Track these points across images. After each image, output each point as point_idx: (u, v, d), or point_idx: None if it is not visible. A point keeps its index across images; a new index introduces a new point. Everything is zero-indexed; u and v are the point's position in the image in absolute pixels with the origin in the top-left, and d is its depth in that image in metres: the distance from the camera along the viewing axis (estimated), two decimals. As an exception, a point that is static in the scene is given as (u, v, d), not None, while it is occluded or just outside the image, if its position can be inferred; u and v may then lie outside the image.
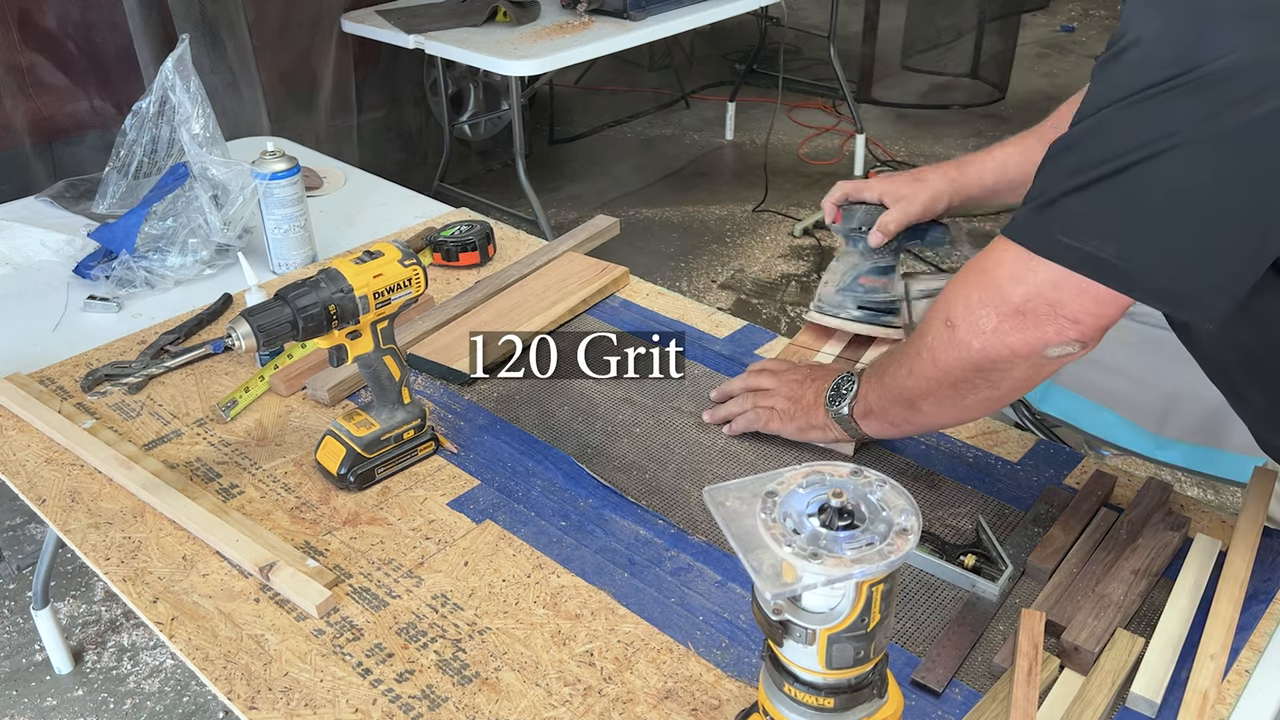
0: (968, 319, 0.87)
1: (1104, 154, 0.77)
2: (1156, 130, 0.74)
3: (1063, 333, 0.82)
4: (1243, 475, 1.47)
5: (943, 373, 0.91)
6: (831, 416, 1.08)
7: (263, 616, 0.96)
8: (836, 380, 1.08)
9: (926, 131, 4.47)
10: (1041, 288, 0.81)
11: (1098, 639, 0.87)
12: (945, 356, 0.90)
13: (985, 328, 0.85)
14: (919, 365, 0.94)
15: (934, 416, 0.99)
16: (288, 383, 1.26)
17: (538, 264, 1.51)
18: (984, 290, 0.85)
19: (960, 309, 0.88)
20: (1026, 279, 0.82)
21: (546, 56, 2.73)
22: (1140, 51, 0.75)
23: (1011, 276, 0.83)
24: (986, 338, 0.85)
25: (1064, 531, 1.01)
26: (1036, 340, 0.83)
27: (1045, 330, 0.82)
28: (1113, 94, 0.76)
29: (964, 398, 0.92)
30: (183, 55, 1.50)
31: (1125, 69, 0.76)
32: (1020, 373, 0.87)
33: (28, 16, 2.67)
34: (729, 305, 3.20)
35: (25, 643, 2.04)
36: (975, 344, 0.86)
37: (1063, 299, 0.81)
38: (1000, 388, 0.90)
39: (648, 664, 0.90)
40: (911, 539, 0.63)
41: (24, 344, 1.39)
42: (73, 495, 1.11)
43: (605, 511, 1.08)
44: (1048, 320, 0.82)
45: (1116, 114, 0.76)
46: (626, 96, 4.84)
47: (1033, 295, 0.82)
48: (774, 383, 1.17)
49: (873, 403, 1.04)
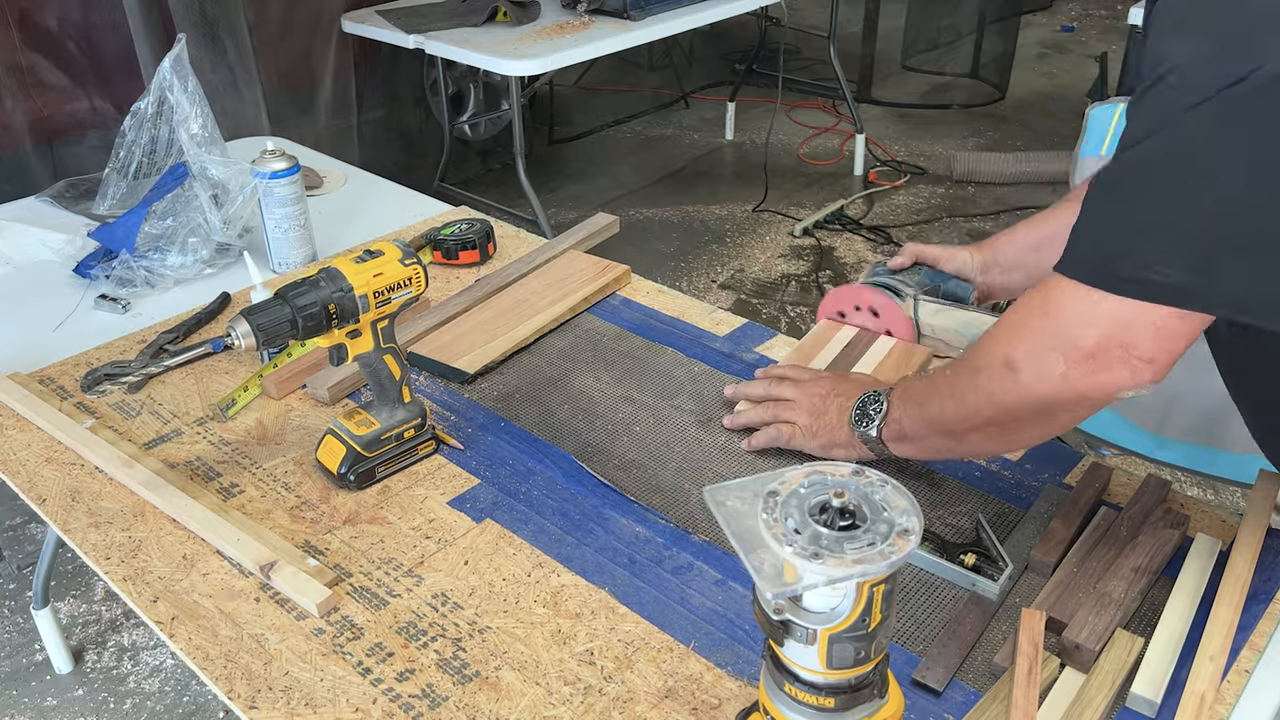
0: (1033, 364, 0.84)
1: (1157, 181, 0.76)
2: (1205, 145, 0.73)
3: (1137, 375, 0.80)
4: (1242, 475, 1.47)
5: (1000, 412, 0.89)
6: (859, 437, 1.05)
7: (263, 616, 0.96)
8: (861, 399, 1.06)
9: (926, 131, 4.47)
10: (1113, 329, 0.79)
11: (1098, 637, 0.87)
12: (1005, 398, 0.88)
13: (1053, 372, 0.83)
14: (972, 400, 0.92)
15: (979, 447, 0.98)
16: (279, 385, 1.26)
17: (538, 262, 1.51)
18: (1049, 334, 0.83)
19: (1023, 352, 0.85)
20: (1096, 321, 0.80)
21: (546, 56, 2.73)
22: (1177, 76, 0.74)
23: (1078, 319, 0.81)
24: (1054, 383, 0.83)
25: (1064, 525, 1.01)
26: (1109, 384, 0.81)
27: (1119, 374, 0.80)
28: (1154, 122, 0.76)
29: (1018, 433, 0.91)
30: (180, 55, 1.50)
31: (1164, 96, 0.75)
32: (1084, 413, 0.86)
33: (28, 16, 2.67)
34: (729, 305, 3.20)
35: (25, 642, 2.04)
36: (1041, 388, 0.84)
37: (1135, 339, 0.79)
38: (1057, 424, 0.88)
39: (648, 663, 0.90)
40: (913, 540, 0.63)
41: (24, 344, 1.39)
42: (73, 495, 1.11)
43: (605, 510, 1.08)
44: (1120, 364, 0.80)
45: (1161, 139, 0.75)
46: (626, 96, 4.84)
47: (1104, 338, 0.80)
48: (795, 393, 1.14)
49: (908, 428, 1.01)
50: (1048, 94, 4.85)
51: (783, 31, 4.25)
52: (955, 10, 4.99)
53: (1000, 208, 3.78)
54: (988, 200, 3.86)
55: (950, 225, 3.69)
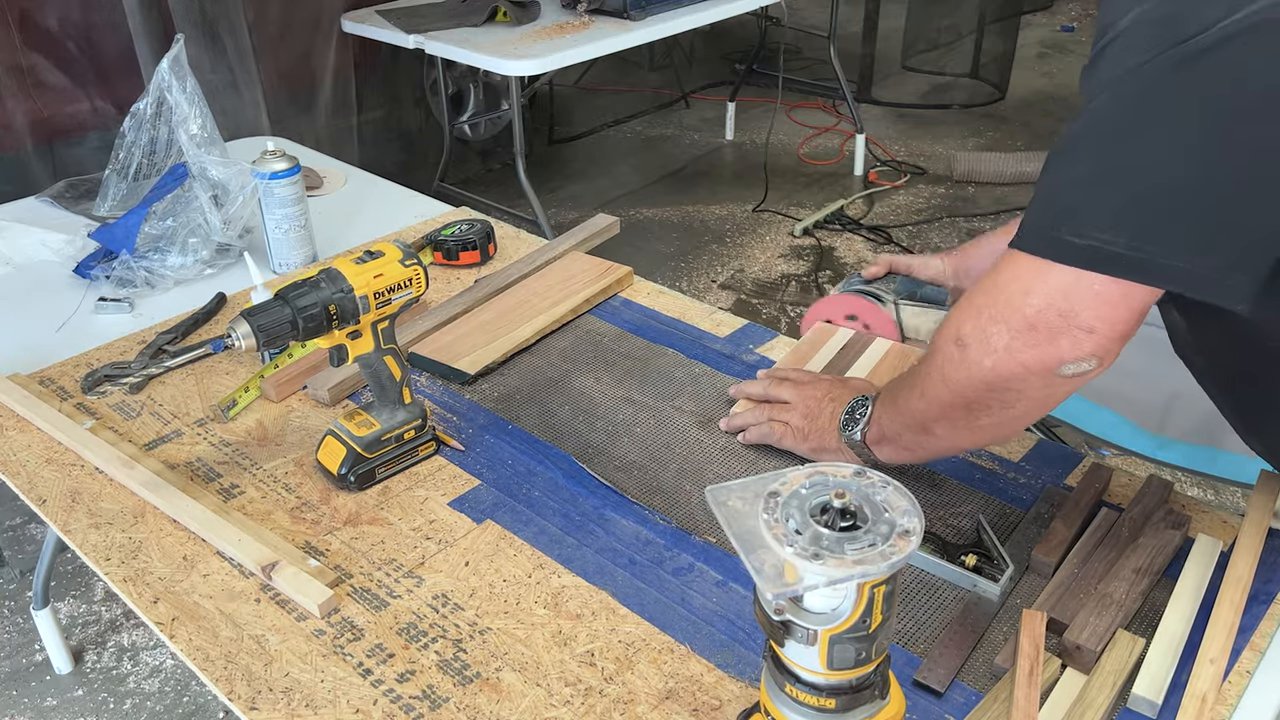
0: (979, 336, 0.84)
1: (1098, 142, 0.76)
2: (1146, 107, 0.73)
3: (1077, 346, 0.79)
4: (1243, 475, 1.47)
5: (954, 393, 0.89)
6: (845, 441, 1.05)
7: (263, 617, 0.96)
8: (850, 404, 1.06)
9: (926, 131, 4.47)
10: (1053, 297, 0.79)
11: (1100, 638, 0.87)
12: (956, 375, 0.87)
13: (997, 345, 0.82)
14: (930, 386, 0.92)
15: (948, 440, 0.96)
16: (279, 388, 1.26)
17: (538, 263, 1.51)
18: (995, 305, 0.83)
19: (970, 326, 0.85)
20: (1037, 288, 0.79)
21: (546, 56, 2.73)
22: (1121, 41, 0.74)
23: (1022, 288, 0.80)
24: (998, 355, 0.83)
25: (1065, 526, 1.01)
26: (1050, 356, 0.80)
27: (1059, 344, 0.80)
28: (1099, 87, 0.76)
29: (977, 419, 0.90)
30: (178, 55, 1.50)
31: (1109, 61, 0.75)
32: (1034, 392, 0.85)
33: (28, 17, 2.67)
34: (729, 305, 3.20)
35: (25, 643, 2.04)
36: (987, 362, 0.84)
37: (1075, 307, 0.78)
38: (1015, 408, 0.87)
39: (649, 664, 0.90)
40: (914, 541, 0.63)
41: (24, 344, 1.39)
42: (73, 495, 1.11)
43: (606, 511, 1.08)
44: (1061, 333, 0.79)
45: (1106, 102, 0.75)
46: (626, 96, 4.84)
47: (1045, 306, 0.79)
48: (793, 395, 1.14)
49: (886, 428, 1.01)
50: (1048, 94, 4.85)
51: (783, 31, 4.24)
52: (955, 10, 4.99)
53: (1000, 208, 3.78)
54: (988, 200, 3.86)
55: (950, 225, 3.69)
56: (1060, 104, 4.71)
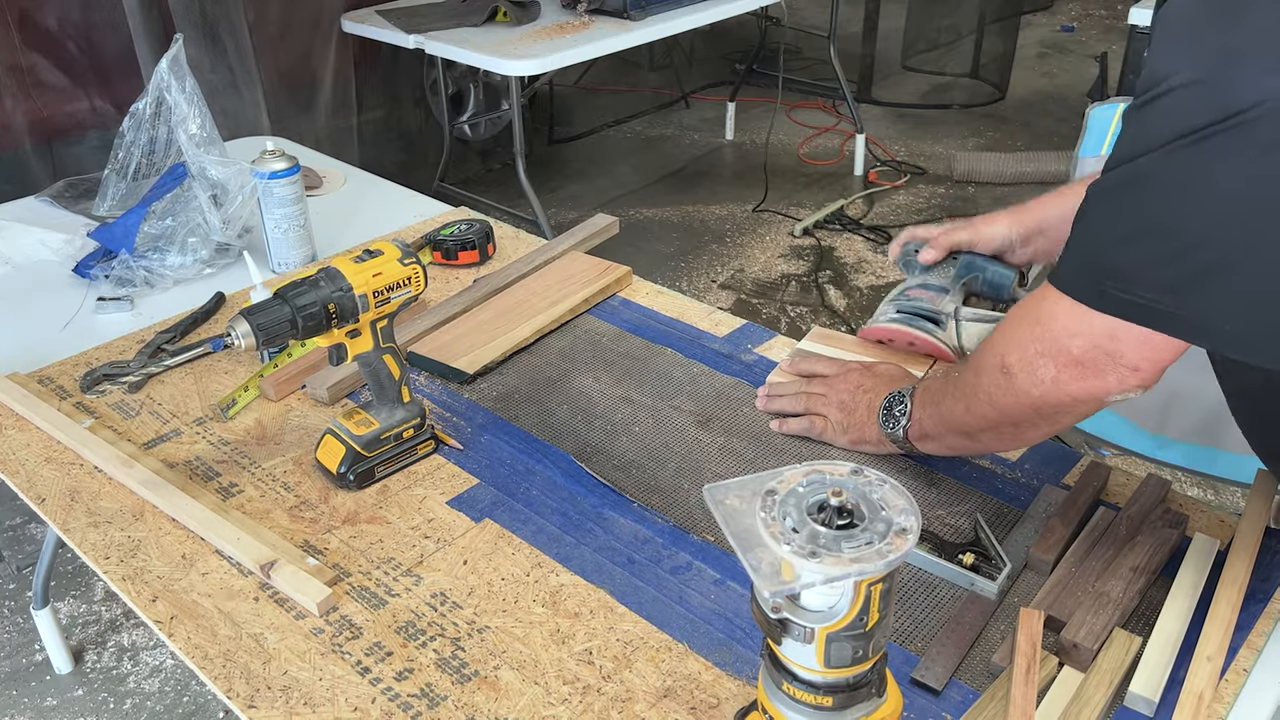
0: (1025, 369, 0.87)
1: (1146, 206, 0.76)
2: (1198, 178, 0.72)
3: (1124, 381, 0.82)
4: (1243, 475, 1.47)
5: (1001, 414, 0.92)
6: (887, 436, 1.08)
7: (262, 615, 0.96)
8: (887, 399, 1.09)
9: (926, 131, 4.47)
10: (1099, 339, 0.81)
11: (1097, 636, 0.88)
12: (1004, 400, 0.90)
13: (1044, 377, 0.85)
14: (975, 405, 0.95)
15: (993, 445, 1.00)
16: (278, 388, 1.26)
17: (538, 263, 1.51)
18: (1040, 341, 0.85)
19: (1016, 358, 0.87)
20: (1083, 331, 0.81)
21: (546, 56, 2.73)
22: (1172, 100, 0.73)
23: (1067, 329, 0.83)
24: (1045, 387, 0.86)
25: (1062, 524, 1.01)
26: (1098, 389, 0.83)
27: (1106, 380, 0.82)
28: (1148, 142, 0.75)
29: (1024, 432, 0.94)
30: (177, 55, 1.50)
31: (1159, 116, 0.74)
32: (1083, 411, 0.88)
33: (28, 17, 2.67)
34: (729, 305, 3.21)
35: (25, 643, 2.04)
36: (1034, 392, 0.87)
37: (1122, 349, 0.80)
38: (1061, 423, 0.91)
39: (646, 662, 0.90)
40: (911, 539, 0.63)
41: (24, 344, 1.39)
42: (72, 494, 1.11)
43: (604, 510, 1.08)
44: (1108, 370, 0.81)
45: (1154, 164, 0.75)
46: (626, 96, 4.84)
47: (1091, 347, 0.81)
48: (826, 388, 1.17)
49: (928, 428, 1.04)
50: (1048, 94, 4.85)
51: (783, 31, 4.25)
52: (955, 10, 4.99)
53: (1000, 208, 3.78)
54: (988, 200, 3.86)
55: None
56: (1060, 104, 4.71)
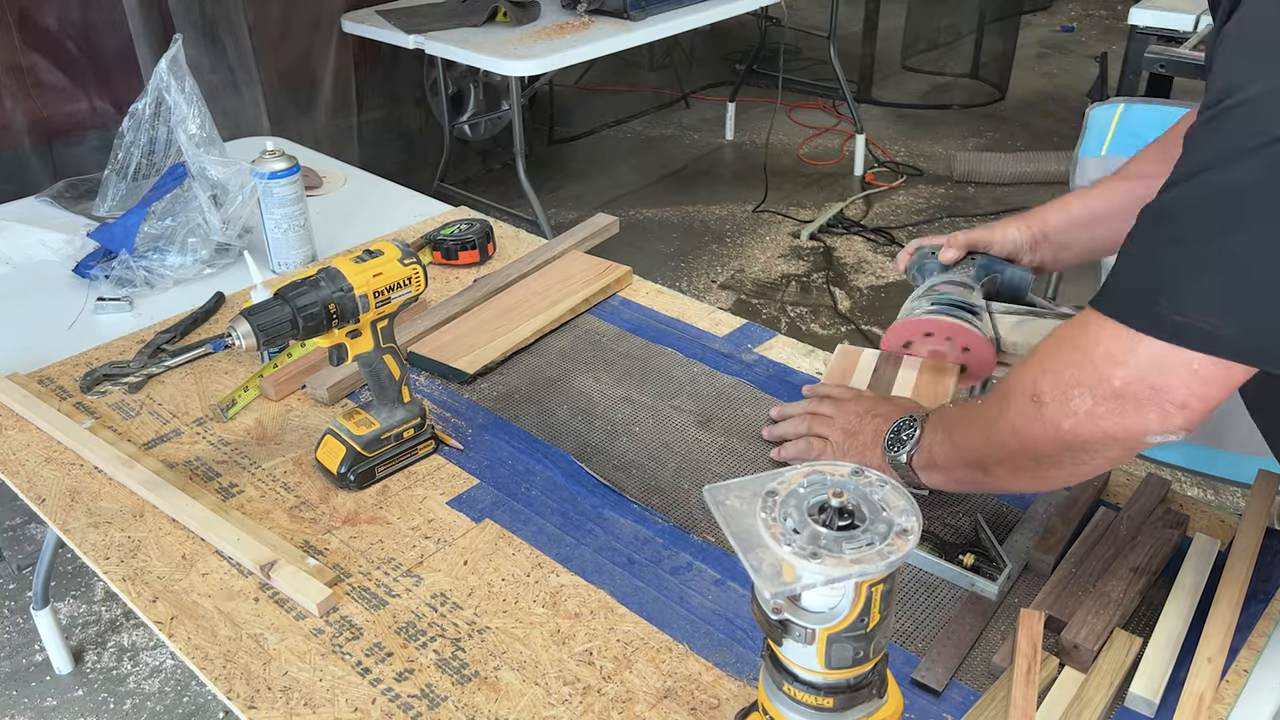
0: (1058, 398, 0.80)
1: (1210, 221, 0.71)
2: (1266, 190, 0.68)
3: (1166, 420, 0.75)
4: (1242, 475, 1.47)
5: (1024, 446, 0.85)
6: (889, 463, 1.00)
7: (262, 616, 0.96)
8: (897, 424, 1.01)
9: (926, 132, 4.47)
10: (1146, 370, 0.74)
11: (1097, 637, 0.87)
12: (1030, 431, 0.83)
13: (1078, 409, 0.78)
14: (996, 434, 0.87)
15: (1007, 483, 0.92)
16: (278, 388, 1.26)
17: (538, 262, 1.51)
18: (1078, 368, 0.78)
19: (1049, 385, 0.81)
20: (1128, 361, 0.75)
21: (546, 56, 2.73)
22: (1245, 112, 0.69)
23: (1110, 356, 0.76)
24: (1079, 419, 0.79)
25: (1063, 525, 1.01)
26: (1136, 427, 0.76)
27: (1147, 417, 0.75)
28: (1215, 157, 0.71)
29: (1045, 470, 0.86)
30: (177, 55, 1.50)
31: (1228, 131, 0.70)
32: (1113, 453, 0.81)
33: (28, 16, 2.67)
34: (729, 305, 3.21)
35: (25, 643, 2.04)
36: (1065, 424, 0.80)
37: (1169, 383, 0.73)
38: (1088, 465, 0.83)
39: (647, 663, 0.90)
40: (911, 540, 0.63)
41: (24, 344, 1.39)
42: (72, 495, 1.11)
43: (605, 510, 1.08)
44: (1150, 406, 0.75)
45: (1221, 177, 0.70)
46: (626, 96, 4.84)
47: (1135, 379, 0.75)
48: (834, 410, 1.10)
49: (938, 457, 0.97)
50: (1048, 94, 4.85)
51: (783, 31, 4.25)
52: (955, 10, 4.99)
53: (1000, 208, 3.78)
54: (988, 200, 3.86)
55: (950, 226, 3.68)
56: (1060, 104, 4.71)
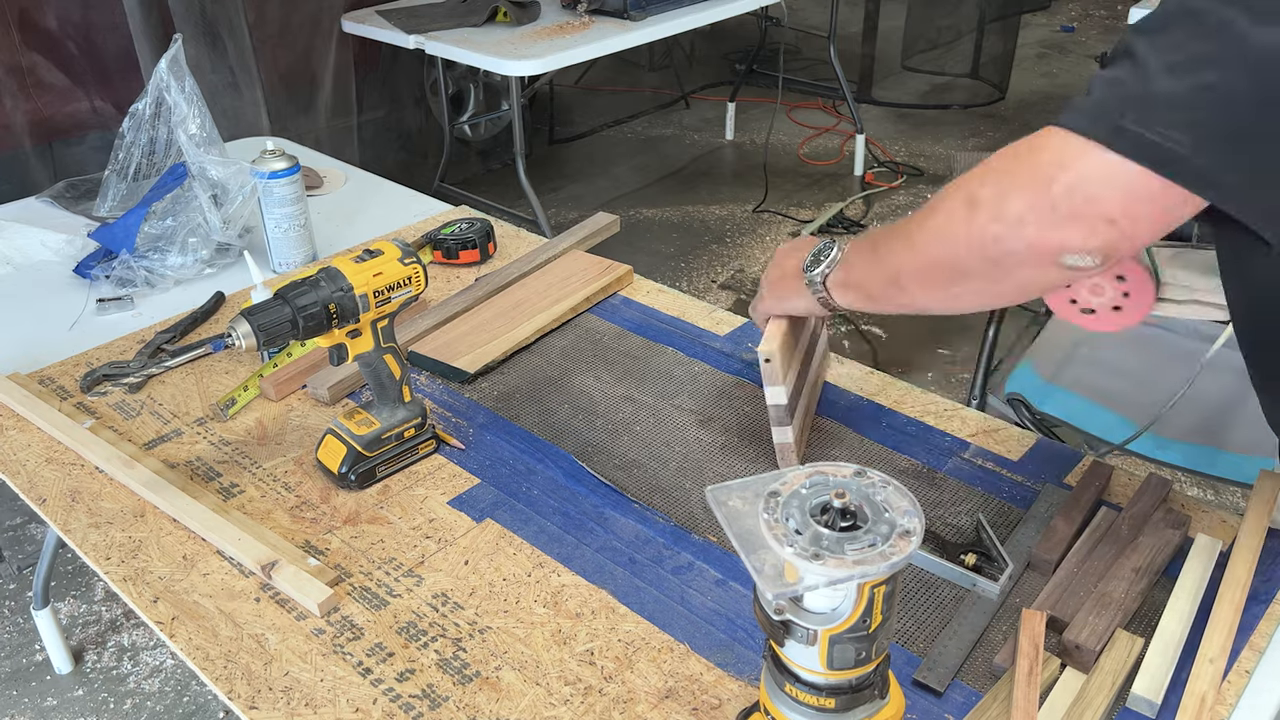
0: (994, 200, 0.78)
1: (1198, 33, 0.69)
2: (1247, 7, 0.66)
3: (1090, 236, 0.73)
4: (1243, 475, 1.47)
5: (947, 251, 0.83)
6: (806, 285, 1.00)
7: (263, 616, 0.96)
8: (816, 249, 1.01)
9: (926, 132, 4.47)
10: (1087, 179, 0.72)
11: (1099, 637, 0.87)
12: (956, 233, 0.81)
13: (1009, 214, 0.76)
14: (922, 238, 0.86)
15: (919, 298, 0.90)
16: (278, 388, 1.26)
17: (538, 262, 1.51)
18: (1020, 173, 0.77)
19: (990, 191, 0.79)
20: (1074, 166, 0.73)
21: (546, 56, 2.72)
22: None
23: (1057, 162, 0.74)
24: (1005, 226, 0.77)
25: (1064, 525, 1.01)
26: (1055, 241, 0.75)
27: (1068, 233, 0.74)
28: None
29: (956, 284, 0.84)
30: (176, 56, 1.50)
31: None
32: (1024, 273, 0.79)
33: (28, 16, 2.67)
34: (729, 305, 3.20)
35: (25, 643, 2.04)
36: (992, 229, 0.78)
37: (1105, 194, 0.72)
38: (1000, 284, 0.82)
39: (648, 663, 0.90)
40: (914, 541, 0.63)
41: (24, 344, 1.39)
42: (73, 495, 1.11)
43: (606, 510, 1.08)
44: (1080, 219, 0.73)
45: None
46: (626, 96, 4.84)
47: (1074, 186, 0.73)
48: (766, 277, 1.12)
49: (855, 273, 0.96)
50: (1048, 94, 4.85)
51: (783, 31, 4.24)
52: (955, 10, 4.99)
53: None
54: (988, 200, 3.85)
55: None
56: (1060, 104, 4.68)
